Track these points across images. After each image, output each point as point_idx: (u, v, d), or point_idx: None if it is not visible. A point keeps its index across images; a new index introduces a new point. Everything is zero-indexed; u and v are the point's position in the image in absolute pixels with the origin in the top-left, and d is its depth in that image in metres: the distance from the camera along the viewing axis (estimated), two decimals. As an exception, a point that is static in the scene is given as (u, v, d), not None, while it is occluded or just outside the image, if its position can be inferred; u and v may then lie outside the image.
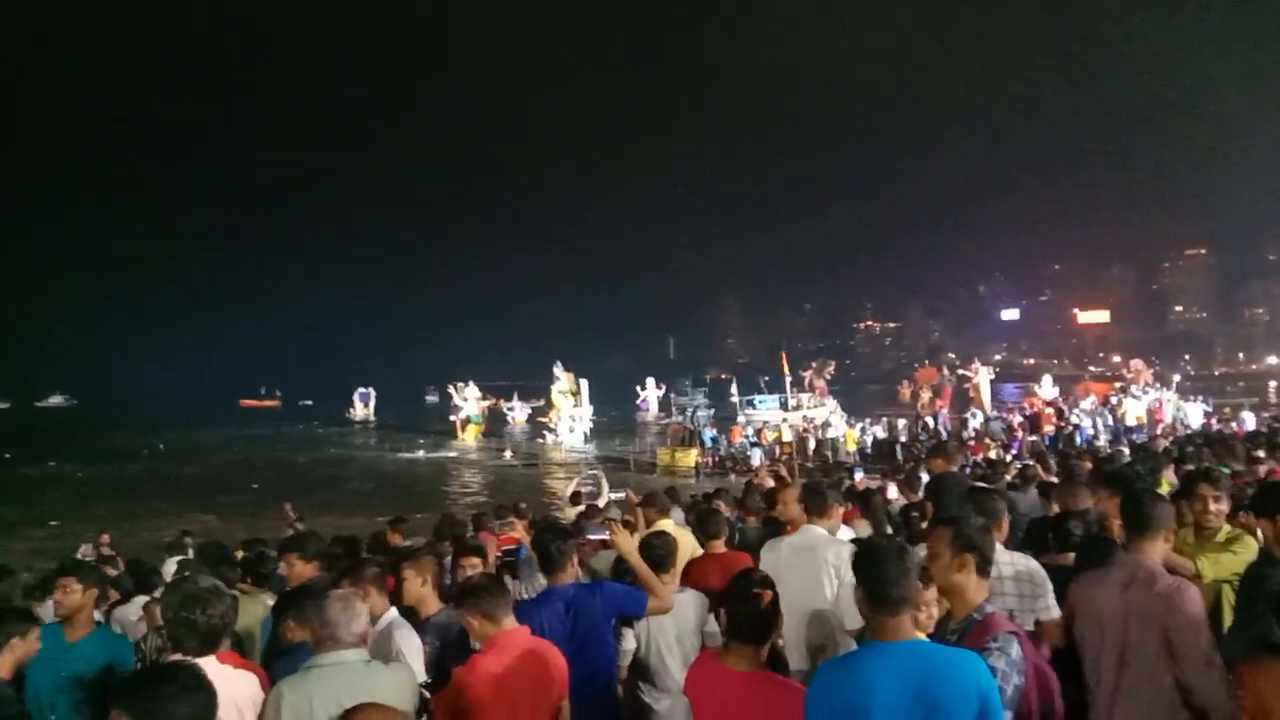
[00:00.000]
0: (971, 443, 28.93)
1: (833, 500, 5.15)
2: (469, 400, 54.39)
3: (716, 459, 33.60)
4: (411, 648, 4.09)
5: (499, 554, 6.72)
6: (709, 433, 35.92)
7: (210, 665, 3.35)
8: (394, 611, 4.33)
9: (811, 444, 33.04)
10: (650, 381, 68.40)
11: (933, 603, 3.56)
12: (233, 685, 3.35)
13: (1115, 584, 3.57)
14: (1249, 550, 4.30)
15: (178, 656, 3.27)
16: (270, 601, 5.11)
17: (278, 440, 58.35)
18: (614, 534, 4.83)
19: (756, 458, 30.58)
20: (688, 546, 6.18)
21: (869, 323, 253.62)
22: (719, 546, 6.03)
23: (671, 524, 6.96)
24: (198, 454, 47.87)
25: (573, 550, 4.58)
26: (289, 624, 4.36)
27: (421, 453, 45.56)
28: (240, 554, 7.86)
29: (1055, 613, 3.98)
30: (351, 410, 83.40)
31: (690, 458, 33.33)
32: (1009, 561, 4.16)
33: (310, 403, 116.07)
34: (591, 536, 6.74)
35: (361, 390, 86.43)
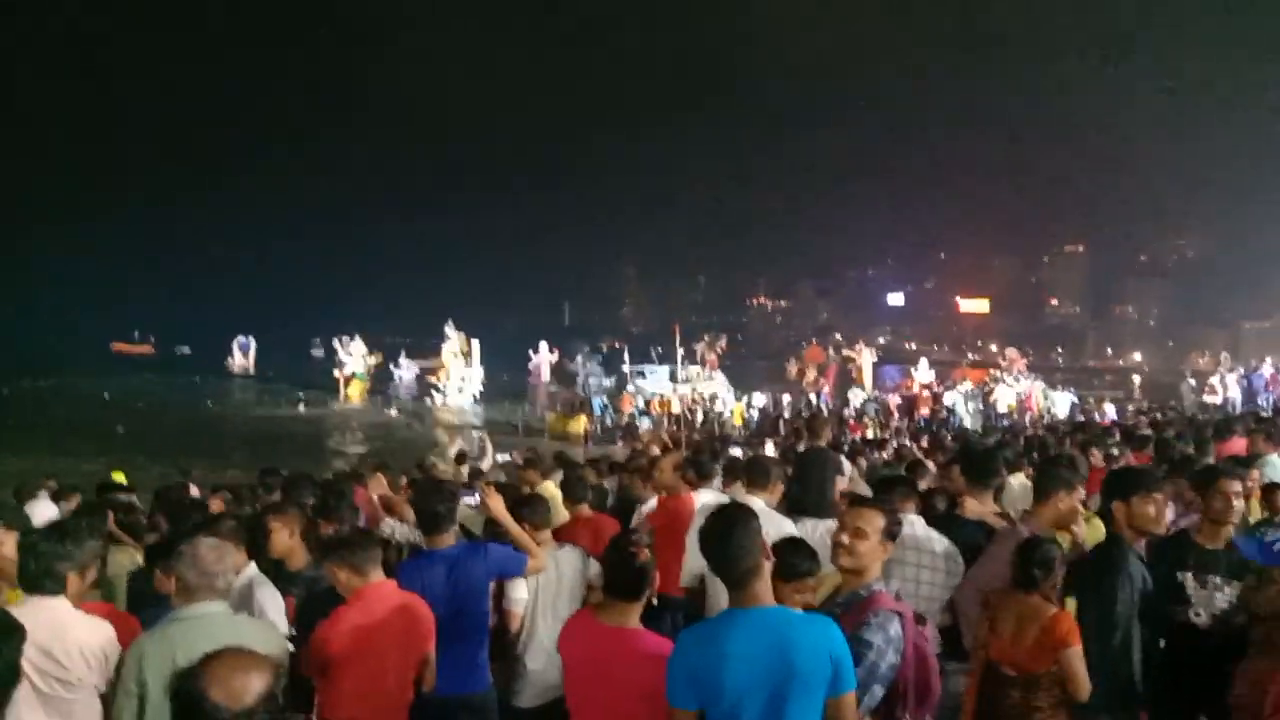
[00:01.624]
0: (851, 421, 29.80)
1: (776, 475, 5.21)
2: (355, 356, 53.20)
3: (605, 427, 33.77)
4: (274, 606, 4.02)
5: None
6: (599, 401, 36.03)
7: (56, 608, 3.25)
8: (253, 567, 4.24)
9: (699, 416, 33.51)
10: (543, 346, 68.11)
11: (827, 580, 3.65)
12: (77, 630, 3.25)
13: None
14: (1097, 531, 4.58)
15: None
16: (139, 556, 4.97)
17: (150, 388, 56.12)
18: (486, 496, 4.85)
19: (645, 427, 30.87)
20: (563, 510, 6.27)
21: (761, 299, 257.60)
22: (585, 510, 6.16)
23: (552, 487, 7.04)
24: (66, 399, 45.73)
25: (456, 510, 4.58)
26: (158, 575, 4.26)
27: (302, 408, 44.45)
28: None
29: None
30: (230, 360, 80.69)
31: (580, 424, 33.39)
32: (939, 538, 4.38)
33: (187, 350, 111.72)
34: (465, 499, 6.72)
35: (241, 339, 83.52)
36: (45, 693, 3.17)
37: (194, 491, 11.24)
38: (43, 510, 8.21)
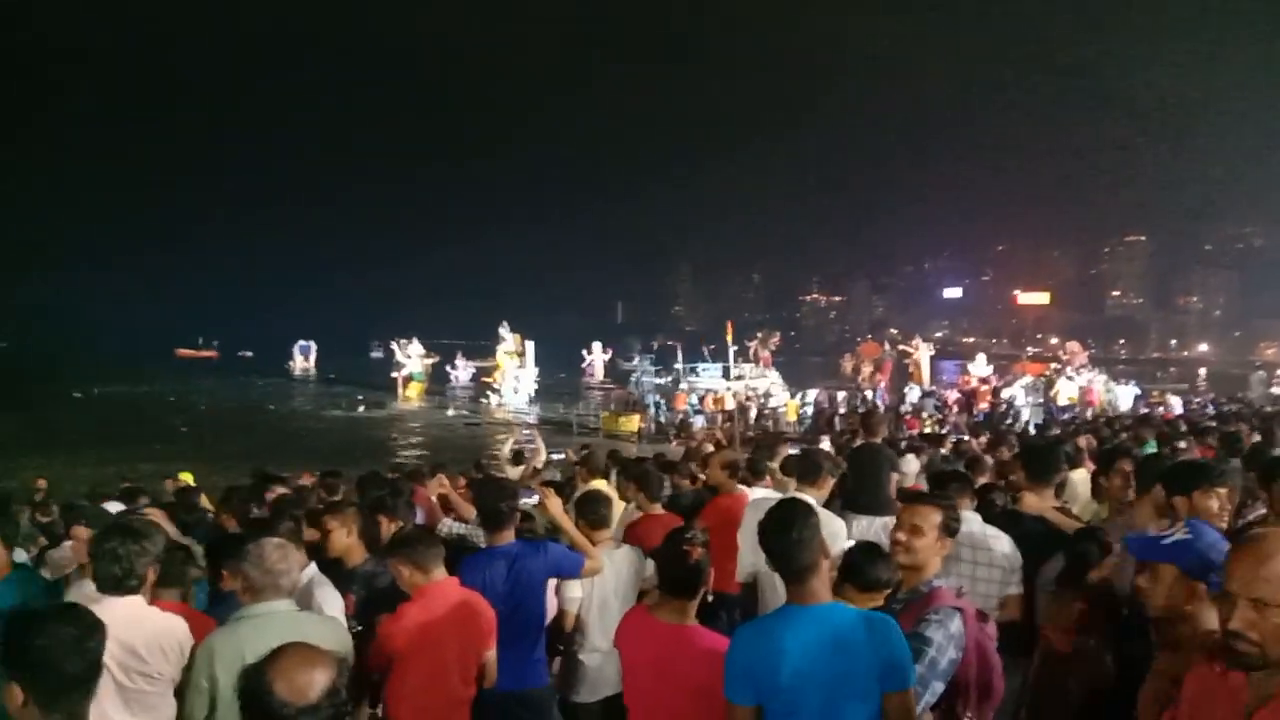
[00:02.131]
0: (908, 417, 29.45)
1: (826, 470, 5.20)
2: (413, 357, 53.89)
3: (659, 425, 33.78)
4: (334, 605, 4.09)
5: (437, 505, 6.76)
6: (653, 398, 36.06)
7: (133, 605, 3.34)
8: (313, 567, 4.32)
9: (753, 413, 33.37)
10: (597, 345, 68.29)
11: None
12: (155, 625, 3.34)
13: None
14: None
15: (88, 593, 3.25)
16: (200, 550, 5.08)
17: (215, 392, 57.32)
18: (544, 497, 4.89)
19: (699, 425, 30.80)
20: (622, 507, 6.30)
21: (815, 296, 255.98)
22: (657, 508, 6.16)
23: (605, 485, 7.08)
24: (131, 403, 46.91)
25: (517, 509, 4.63)
26: (223, 574, 4.35)
27: (362, 409, 45.11)
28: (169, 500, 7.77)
29: (1019, 589, 4.18)
30: (291, 363, 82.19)
31: (633, 423, 33.45)
32: (996, 535, 4.32)
33: (249, 354, 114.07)
34: (524, 500, 6.78)
35: (302, 343, 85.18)
36: (128, 687, 3.25)
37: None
38: (115, 511, 8.45)
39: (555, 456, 11.31)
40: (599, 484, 7.01)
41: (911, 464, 9.79)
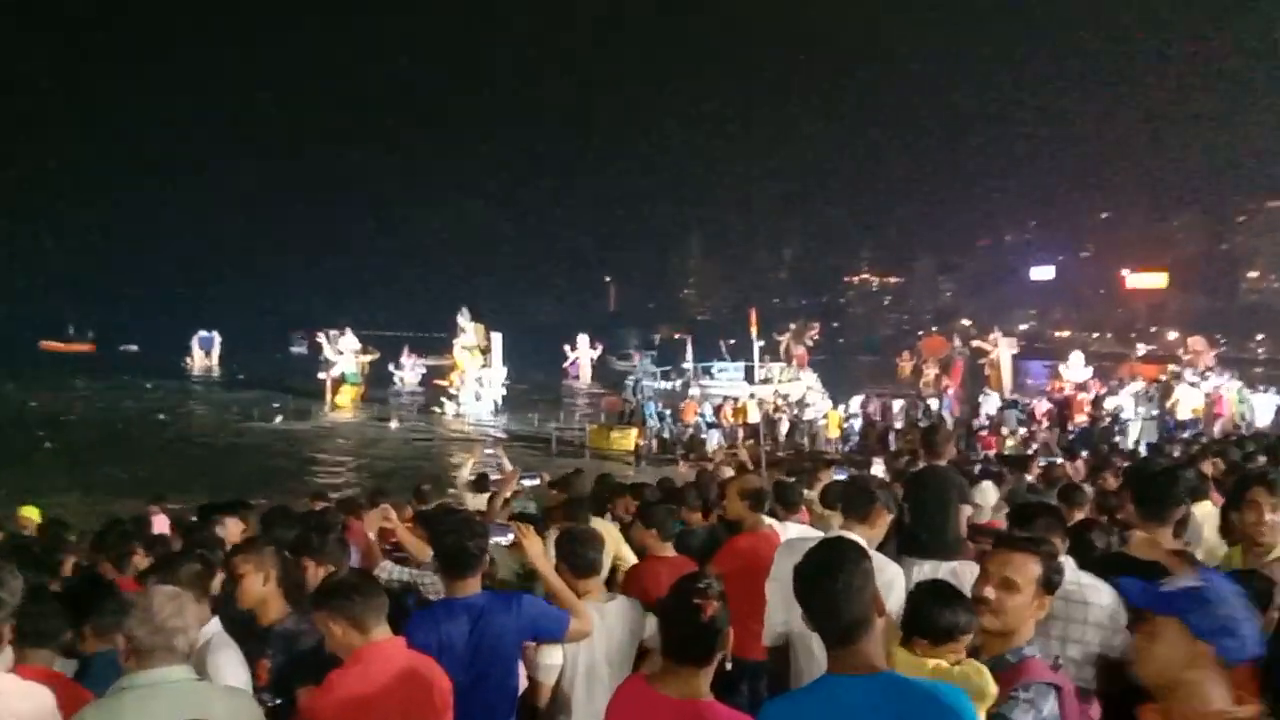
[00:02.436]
0: (983, 433, 29.52)
1: (881, 502, 5.19)
2: (345, 354, 53.73)
3: (663, 441, 33.81)
4: (233, 672, 4.08)
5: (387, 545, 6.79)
6: (654, 408, 36.08)
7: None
8: (216, 624, 4.32)
9: (784, 427, 33.41)
10: (583, 340, 68.30)
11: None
12: (7, 698, 3.34)
13: None
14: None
15: None
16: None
17: (89, 396, 57.21)
18: (522, 536, 4.89)
19: (713, 441, 30.87)
20: (615, 546, 6.33)
21: (865, 276, 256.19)
22: (668, 549, 6.21)
23: (601, 522, 7.11)
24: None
25: (486, 550, 4.63)
26: (83, 631, 4.34)
27: (280, 420, 45.05)
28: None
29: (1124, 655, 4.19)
30: (189, 360, 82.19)
31: (629, 439, 33.48)
32: (1095, 585, 4.30)
33: (134, 348, 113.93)
34: (495, 539, 6.78)
35: (203, 334, 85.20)
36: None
37: (160, 526, 11.50)
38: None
39: (529, 482, 11.30)
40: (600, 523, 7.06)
41: (988, 494, 9.82)
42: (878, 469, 12.57)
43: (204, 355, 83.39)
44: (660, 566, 5.89)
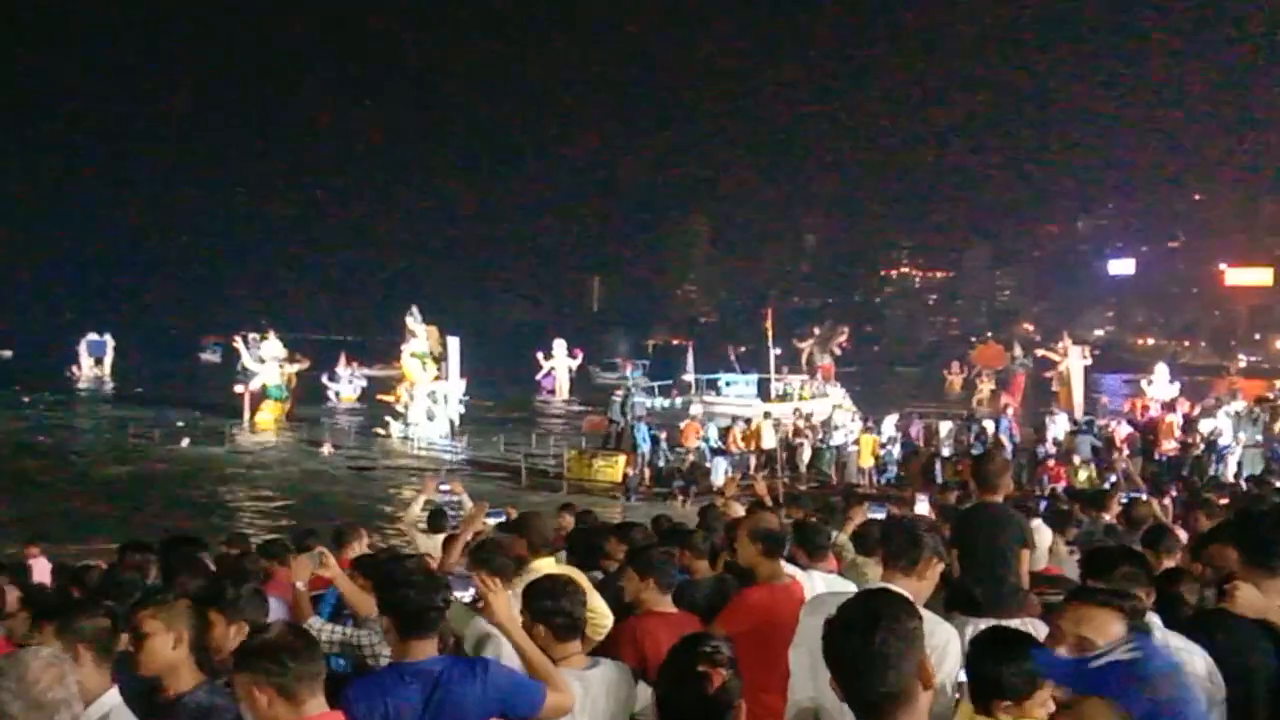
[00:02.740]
0: (1050, 461, 29.52)
1: (931, 548, 5.18)
2: (268, 362, 53.64)
3: (657, 471, 33.77)
4: None
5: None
6: (646, 430, 36.06)
7: None
8: (114, 695, 4.30)
9: (806, 453, 33.40)
10: (559, 346, 68.25)
11: None
12: None
13: None
14: None
15: None
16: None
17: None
18: (486, 590, 4.87)
19: (719, 472, 30.82)
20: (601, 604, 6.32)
21: (905, 270, 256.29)
22: (666, 603, 6.19)
23: (552, 564, 7.11)
24: None
25: (446, 606, 4.63)
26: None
27: (187, 442, 44.94)
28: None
29: None
30: (75, 368, 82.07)
31: (616, 468, 33.43)
32: (1187, 648, 4.28)
33: (7, 353, 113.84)
34: (457, 593, 6.73)
35: (93, 338, 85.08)
36: None
37: (41, 573, 11.47)
38: None
39: (493, 519, 11.23)
40: (545, 564, 7.04)
41: (1041, 535, 9.79)
42: (923, 507, 12.54)
43: (93, 363, 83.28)
44: (657, 624, 5.85)
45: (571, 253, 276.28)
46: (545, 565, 6.88)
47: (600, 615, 6.68)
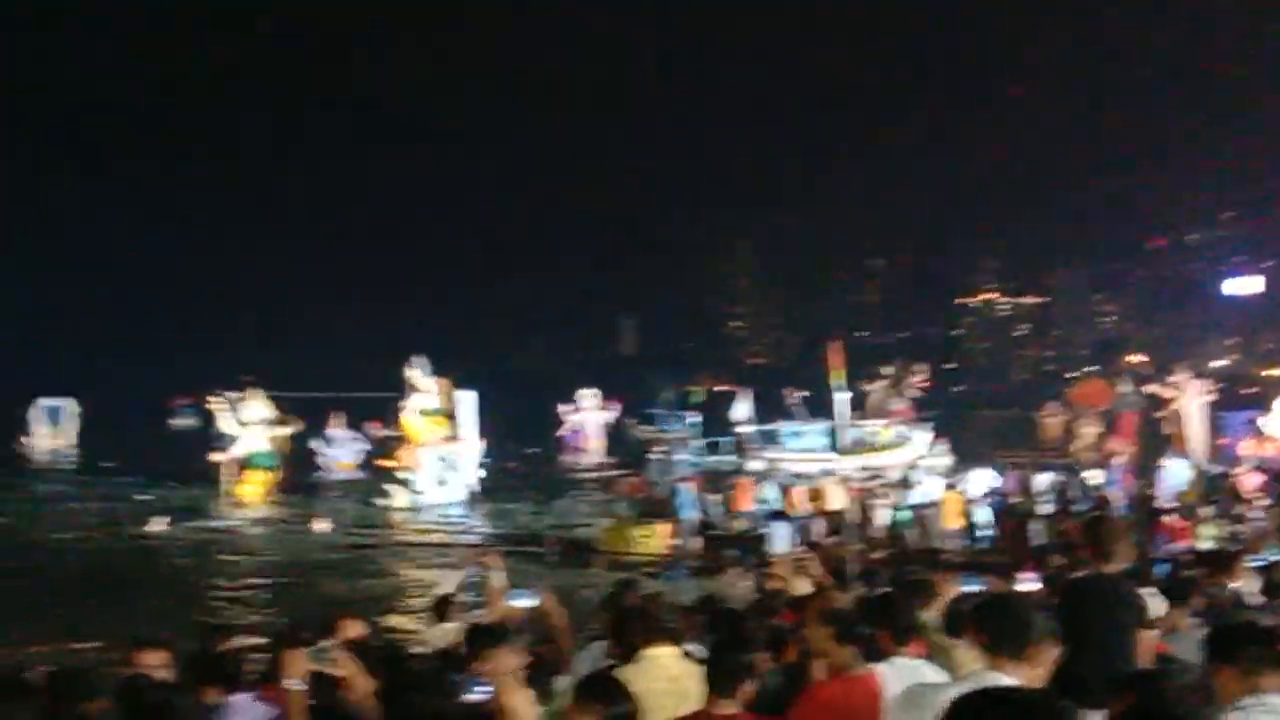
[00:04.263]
0: (1169, 519, 29.29)
1: (1041, 630, 5.12)
2: (251, 425, 53.80)
3: (708, 540, 33.68)
4: None
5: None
6: (689, 493, 35.98)
7: None
8: None
9: (882, 515, 33.23)
10: (588, 396, 68.24)
11: None
12: None
13: None
14: None
15: None
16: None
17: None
18: (503, 697, 4.86)
19: (780, 540, 30.70)
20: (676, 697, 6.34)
21: (989, 295, 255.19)
22: (728, 706, 6.14)
23: (668, 653, 7.05)
24: None
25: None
26: None
27: (165, 523, 45.02)
28: None
29: None
30: (27, 439, 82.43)
31: (658, 538, 33.37)
32: None
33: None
34: (470, 696, 6.65)
35: (47, 403, 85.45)
36: None
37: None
38: None
39: (523, 603, 11.18)
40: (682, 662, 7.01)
41: (1157, 607, 9.71)
42: (1030, 583, 12.35)
43: (51, 429, 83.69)
44: None
45: (601, 287, 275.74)
46: (665, 656, 6.85)
47: None
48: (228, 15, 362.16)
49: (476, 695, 6.56)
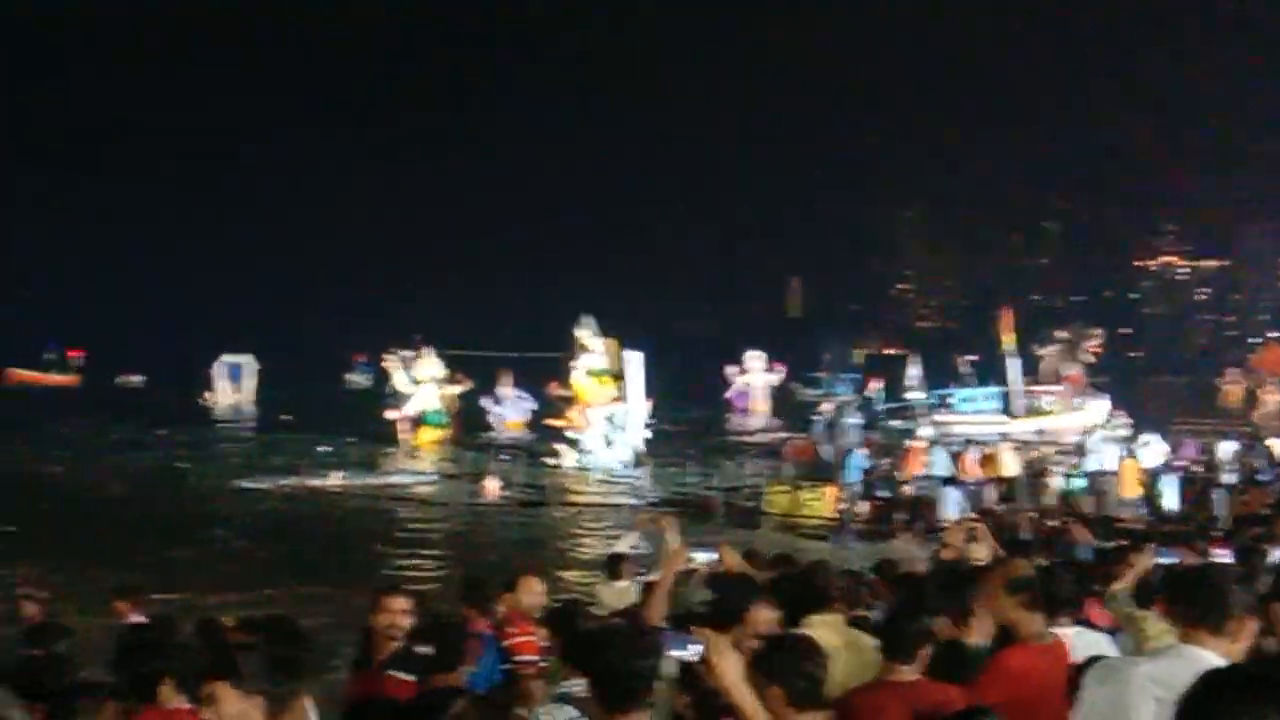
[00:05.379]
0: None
1: (1239, 604, 4.95)
2: (425, 382, 54.19)
3: (876, 505, 33.47)
4: None
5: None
6: (859, 458, 35.80)
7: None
8: None
9: (1055, 482, 32.79)
10: (754, 358, 67.97)
11: None
12: None
13: None
14: None
15: None
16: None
17: (75, 442, 58.55)
18: (712, 651, 4.81)
19: (951, 505, 30.42)
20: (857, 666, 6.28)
21: (1168, 258, 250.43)
22: (908, 673, 6.07)
23: (828, 622, 6.99)
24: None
25: (658, 672, 4.63)
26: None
27: (340, 476, 45.59)
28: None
29: None
30: (210, 394, 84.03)
31: (826, 501, 33.25)
32: None
33: (138, 379, 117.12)
34: (673, 652, 6.60)
35: (228, 360, 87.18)
36: None
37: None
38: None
39: (703, 556, 11.08)
40: (762, 614, 6.93)
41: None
42: (1220, 552, 12.07)
43: (232, 387, 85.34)
44: (890, 697, 5.76)
45: (765, 248, 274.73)
46: (824, 626, 6.81)
47: None
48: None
49: (684, 654, 6.53)
